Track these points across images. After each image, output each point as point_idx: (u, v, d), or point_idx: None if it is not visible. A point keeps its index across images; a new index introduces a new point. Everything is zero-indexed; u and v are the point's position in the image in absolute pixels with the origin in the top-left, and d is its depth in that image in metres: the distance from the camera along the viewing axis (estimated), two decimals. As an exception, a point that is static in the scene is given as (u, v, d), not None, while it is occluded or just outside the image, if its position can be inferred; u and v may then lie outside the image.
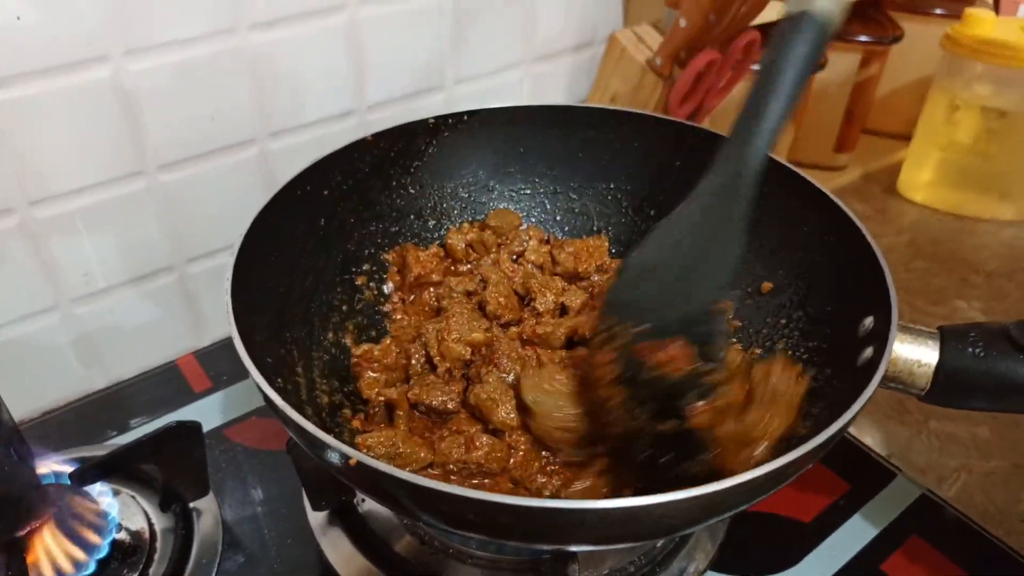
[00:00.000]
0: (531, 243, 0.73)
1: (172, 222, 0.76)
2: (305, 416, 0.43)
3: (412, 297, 0.71)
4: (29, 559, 0.52)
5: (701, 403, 0.48)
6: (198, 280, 0.81)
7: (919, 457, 0.73)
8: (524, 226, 0.76)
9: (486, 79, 0.91)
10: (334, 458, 0.42)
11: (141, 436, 0.57)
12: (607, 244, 0.73)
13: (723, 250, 0.51)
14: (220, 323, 0.84)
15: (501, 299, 0.65)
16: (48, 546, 0.54)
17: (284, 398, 0.44)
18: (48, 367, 0.75)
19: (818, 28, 0.51)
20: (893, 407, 0.78)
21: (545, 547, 0.50)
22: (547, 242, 0.75)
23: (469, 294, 0.68)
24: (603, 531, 0.42)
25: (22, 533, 0.52)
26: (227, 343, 0.82)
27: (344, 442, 0.42)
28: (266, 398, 0.44)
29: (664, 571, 0.59)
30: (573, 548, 0.47)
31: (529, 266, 0.71)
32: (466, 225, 0.75)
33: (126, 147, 0.69)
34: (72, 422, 0.73)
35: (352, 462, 0.40)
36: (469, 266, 0.73)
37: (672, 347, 0.48)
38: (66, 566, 0.54)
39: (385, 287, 0.72)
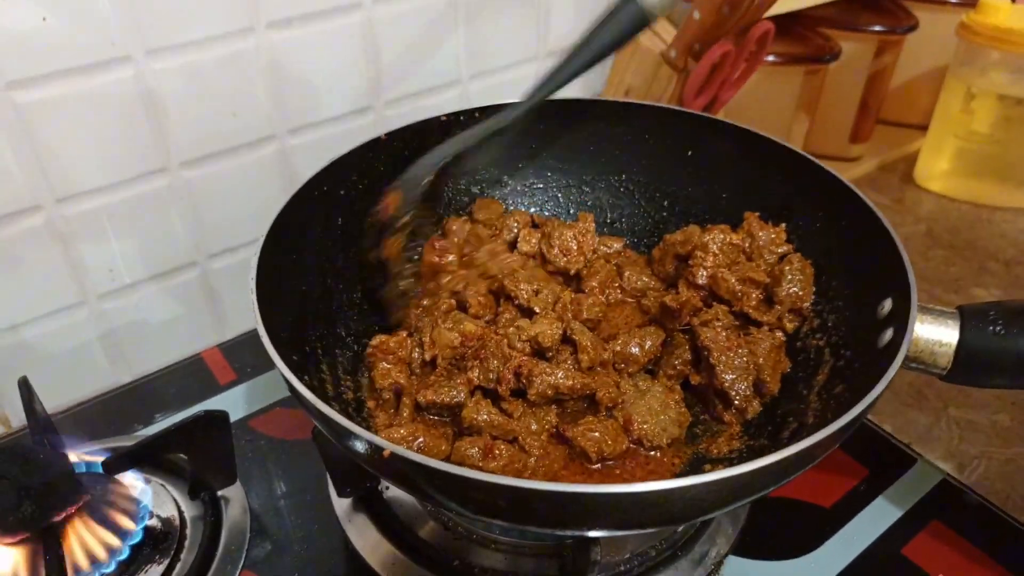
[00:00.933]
0: (522, 232, 0.73)
1: (194, 218, 0.77)
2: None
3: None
4: (65, 544, 0.54)
5: (391, 237, 0.65)
6: (220, 276, 0.82)
7: (939, 444, 0.73)
8: (508, 210, 0.77)
9: (500, 74, 0.91)
10: (363, 448, 0.42)
11: (170, 425, 0.58)
12: (593, 224, 0.74)
13: (450, 145, 0.67)
14: (242, 318, 0.85)
15: (481, 298, 0.66)
16: (82, 532, 0.55)
17: (308, 387, 0.45)
18: (76, 361, 0.77)
19: (636, 13, 0.59)
20: (912, 395, 0.78)
21: (571, 532, 0.50)
22: (535, 225, 0.75)
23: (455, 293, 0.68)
24: (632, 515, 0.43)
25: (57, 519, 0.53)
26: (250, 336, 0.84)
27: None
28: (293, 391, 0.45)
29: (686, 555, 0.59)
30: (599, 533, 0.47)
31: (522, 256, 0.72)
32: (455, 218, 0.75)
33: (149, 145, 0.71)
34: (100, 415, 0.75)
35: (386, 454, 0.41)
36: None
37: (388, 196, 0.65)
38: (100, 552, 0.55)
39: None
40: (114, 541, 0.55)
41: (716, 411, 0.60)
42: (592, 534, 0.49)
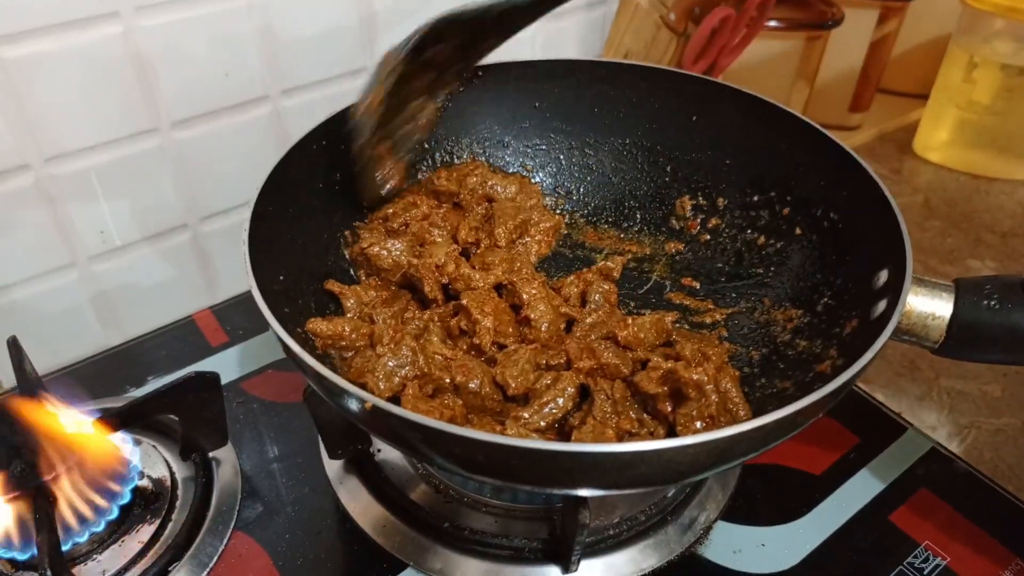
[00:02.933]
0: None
1: (186, 180, 0.76)
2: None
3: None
4: (55, 504, 0.54)
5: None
6: (212, 238, 0.81)
7: (930, 414, 0.73)
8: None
9: (497, 37, 0.90)
10: (351, 404, 0.42)
11: (161, 387, 0.57)
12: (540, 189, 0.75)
13: None
14: (234, 281, 0.85)
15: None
16: (72, 492, 0.55)
17: (301, 345, 0.44)
18: (66, 324, 0.76)
19: None
20: (904, 365, 0.79)
21: (557, 491, 0.51)
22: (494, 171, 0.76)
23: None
24: (612, 475, 0.43)
25: (47, 479, 0.53)
26: (242, 299, 0.83)
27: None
28: (284, 346, 0.45)
29: (675, 520, 0.60)
30: (584, 492, 0.47)
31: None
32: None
33: (139, 104, 0.70)
34: (92, 376, 0.74)
35: (368, 406, 0.41)
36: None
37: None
38: (89, 512, 0.55)
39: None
40: (103, 501, 0.56)
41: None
42: (573, 492, 0.49)
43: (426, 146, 0.74)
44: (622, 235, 0.75)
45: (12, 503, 0.53)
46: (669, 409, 0.52)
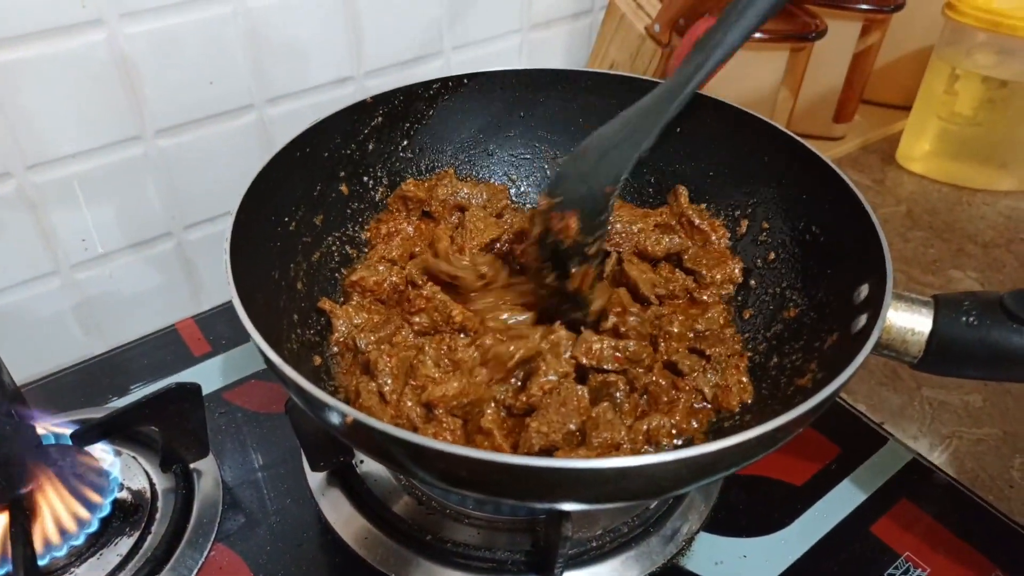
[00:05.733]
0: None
1: (170, 188, 0.76)
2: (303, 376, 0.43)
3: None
4: (33, 517, 0.53)
5: (577, 268, 0.58)
6: (196, 247, 0.81)
7: (911, 424, 0.74)
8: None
9: (484, 46, 0.90)
10: (332, 417, 0.42)
11: (141, 398, 0.57)
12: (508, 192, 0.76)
13: (628, 145, 0.57)
14: (218, 290, 0.85)
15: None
16: (51, 505, 0.54)
17: (283, 358, 0.44)
18: (49, 332, 0.76)
19: None
20: (886, 374, 0.79)
21: (539, 505, 0.51)
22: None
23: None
24: (593, 489, 0.43)
25: (24, 492, 0.53)
26: (226, 308, 0.83)
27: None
28: (265, 358, 0.44)
29: (658, 532, 0.60)
30: (567, 506, 0.47)
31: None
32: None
33: (124, 112, 0.69)
34: (73, 386, 0.74)
35: (348, 420, 0.41)
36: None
37: (568, 218, 0.57)
38: (70, 524, 0.55)
39: None
40: (83, 513, 0.55)
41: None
42: (556, 507, 0.50)
43: (410, 155, 0.74)
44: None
45: (-12, 516, 0.52)
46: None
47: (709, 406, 0.58)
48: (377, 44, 0.81)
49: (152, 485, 0.61)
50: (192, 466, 0.63)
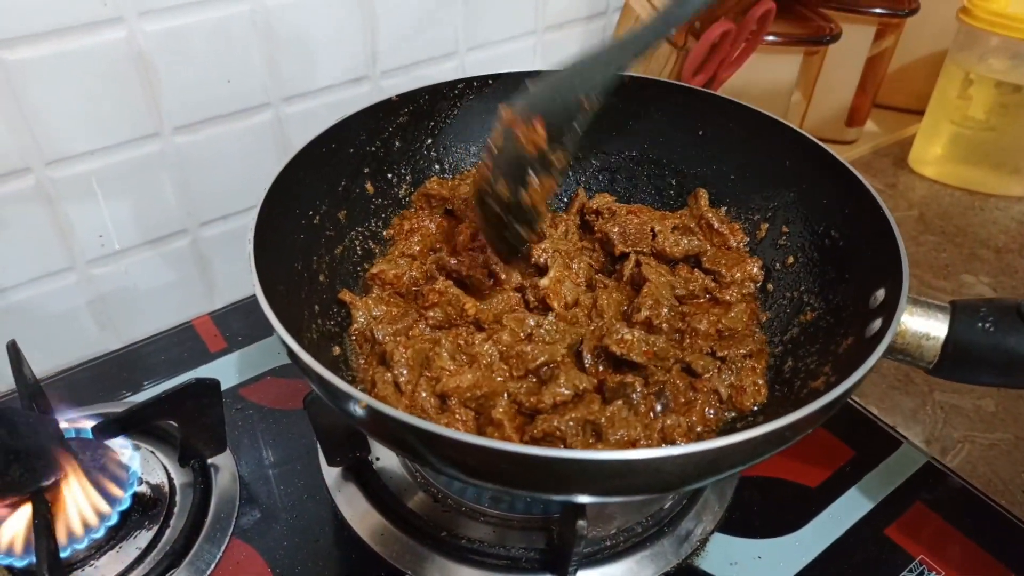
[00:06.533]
0: None
1: (186, 185, 0.76)
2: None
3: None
4: (54, 509, 0.54)
5: (536, 179, 0.55)
6: (211, 244, 0.82)
7: (924, 428, 0.74)
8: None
9: (498, 46, 0.91)
10: (350, 405, 0.42)
11: (161, 392, 0.57)
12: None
13: (609, 64, 0.56)
14: (232, 288, 0.85)
15: None
16: (72, 497, 0.55)
17: (303, 347, 0.44)
18: (65, 327, 0.76)
19: None
20: (899, 379, 0.79)
21: (551, 496, 0.50)
22: None
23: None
24: (602, 482, 0.43)
25: (47, 484, 0.53)
26: (241, 305, 0.83)
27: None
28: (287, 347, 0.45)
29: (672, 532, 0.60)
30: (577, 498, 0.47)
31: None
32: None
33: (141, 109, 0.70)
34: (89, 381, 0.74)
35: (362, 405, 0.41)
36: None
37: (534, 121, 0.54)
38: (90, 517, 0.55)
39: None
40: (104, 507, 0.56)
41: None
42: (567, 498, 0.50)
43: (434, 153, 0.74)
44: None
45: (11, 508, 0.53)
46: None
47: (724, 406, 0.58)
48: (393, 44, 0.82)
49: (170, 479, 0.62)
50: (209, 461, 0.63)
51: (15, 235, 0.69)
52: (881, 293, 0.54)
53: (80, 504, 0.55)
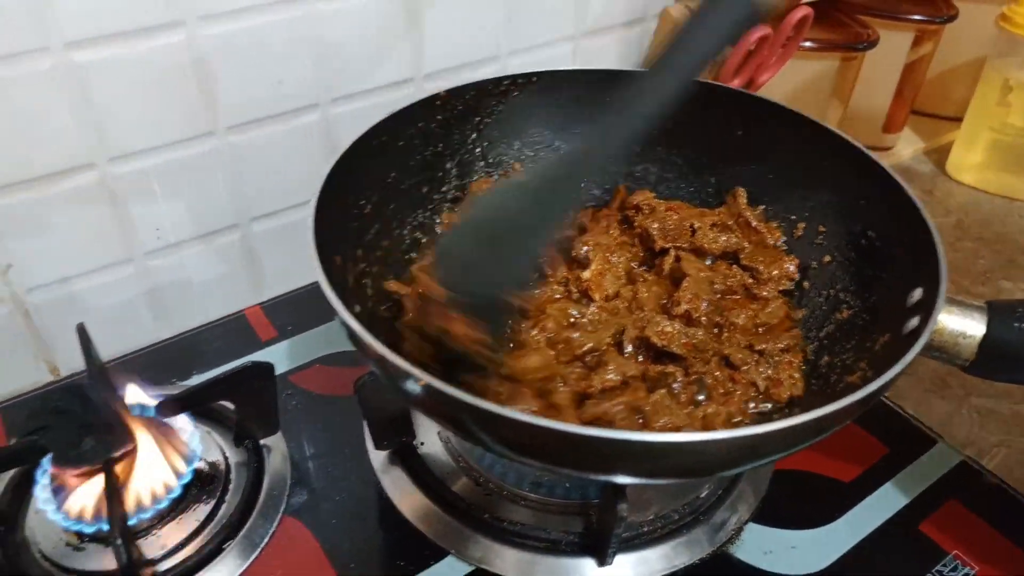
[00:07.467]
0: None
1: (238, 182, 0.79)
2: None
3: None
4: (122, 481, 0.57)
5: (473, 376, 0.51)
6: (260, 239, 0.84)
7: (959, 431, 0.74)
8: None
9: (538, 51, 0.92)
10: (408, 384, 0.44)
11: (219, 374, 0.60)
12: None
13: (534, 237, 0.50)
14: (280, 281, 0.88)
15: None
16: (139, 470, 0.58)
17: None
18: (121, 316, 0.79)
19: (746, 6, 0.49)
20: (935, 382, 0.79)
21: (596, 476, 0.52)
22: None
23: None
24: (645, 463, 0.44)
25: (117, 455, 0.56)
26: (290, 297, 0.86)
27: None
28: (348, 330, 0.46)
29: (708, 520, 0.61)
30: (619, 479, 0.49)
31: None
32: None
33: (199, 109, 0.73)
34: (145, 368, 0.77)
35: (421, 382, 0.43)
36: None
37: (460, 322, 0.49)
38: (158, 488, 0.58)
39: None
40: (170, 479, 0.58)
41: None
42: (609, 478, 0.51)
43: (478, 149, 0.77)
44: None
45: (83, 478, 0.56)
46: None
47: (761, 398, 0.60)
48: (438, 48, 0.84)
49: (226, 458, 0.64)
50: (262, 442, 0.66)
51: (79, 227, 0.72)
52: (918, 293, 0.54)
53: (148, 475, 0.57)
